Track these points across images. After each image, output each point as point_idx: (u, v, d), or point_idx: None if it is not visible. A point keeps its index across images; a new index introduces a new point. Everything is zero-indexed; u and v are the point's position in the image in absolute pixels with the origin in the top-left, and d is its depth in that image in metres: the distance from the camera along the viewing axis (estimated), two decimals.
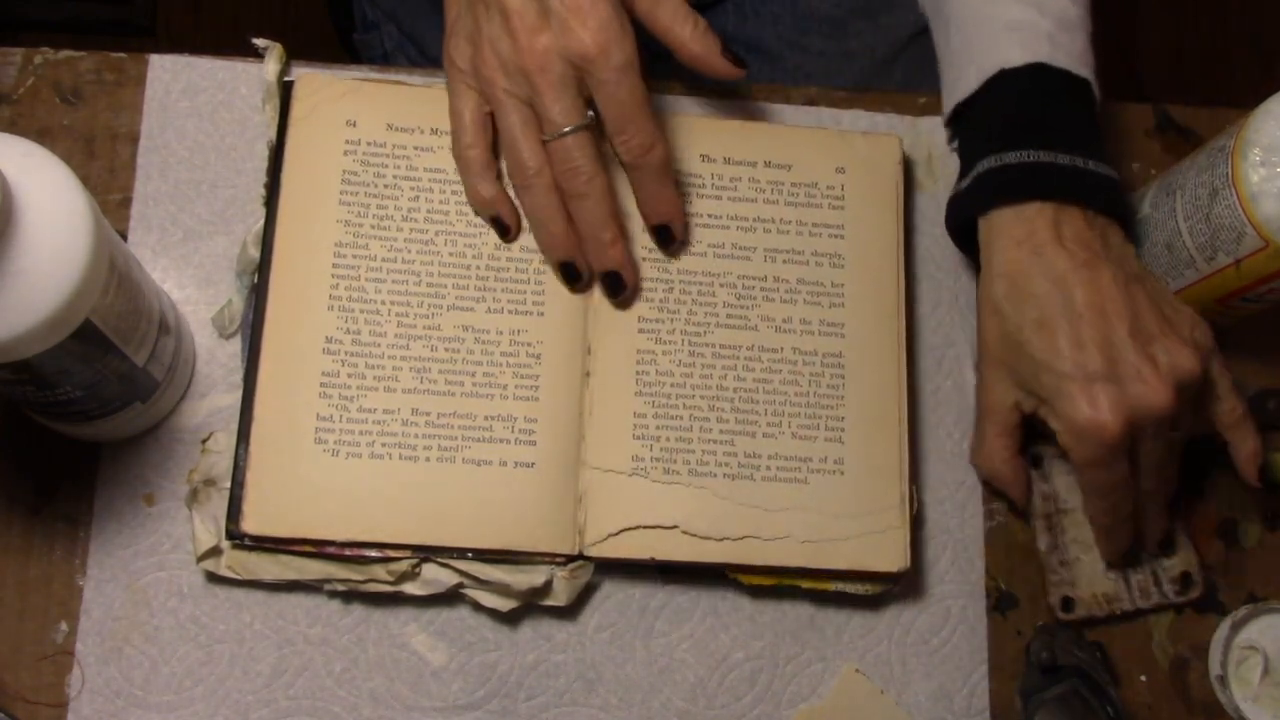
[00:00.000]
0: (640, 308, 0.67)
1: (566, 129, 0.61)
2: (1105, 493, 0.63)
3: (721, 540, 0.64)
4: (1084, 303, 0.61)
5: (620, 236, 0.64)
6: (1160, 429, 0.61)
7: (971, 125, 0.69)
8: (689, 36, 0.64)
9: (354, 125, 0.67)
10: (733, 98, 0.73)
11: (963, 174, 0.68)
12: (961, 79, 0.68)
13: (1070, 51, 0.66)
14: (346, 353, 0.64)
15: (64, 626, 0.63)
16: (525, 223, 0.66)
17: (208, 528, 0.62)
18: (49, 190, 0.49)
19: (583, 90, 0.61)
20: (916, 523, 0.68)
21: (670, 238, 0.66)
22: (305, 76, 0.68)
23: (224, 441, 0.64)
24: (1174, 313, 0.64)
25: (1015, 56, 0.65)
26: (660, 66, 0.87)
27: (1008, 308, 0.63)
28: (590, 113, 0.61)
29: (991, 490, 0.70)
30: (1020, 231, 0.63)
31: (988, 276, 0.65)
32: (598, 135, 0.62)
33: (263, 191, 0.67)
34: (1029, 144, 0.64)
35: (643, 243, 0.67)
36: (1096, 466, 0.62)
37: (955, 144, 0.73)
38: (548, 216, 0.63)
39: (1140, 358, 0.60)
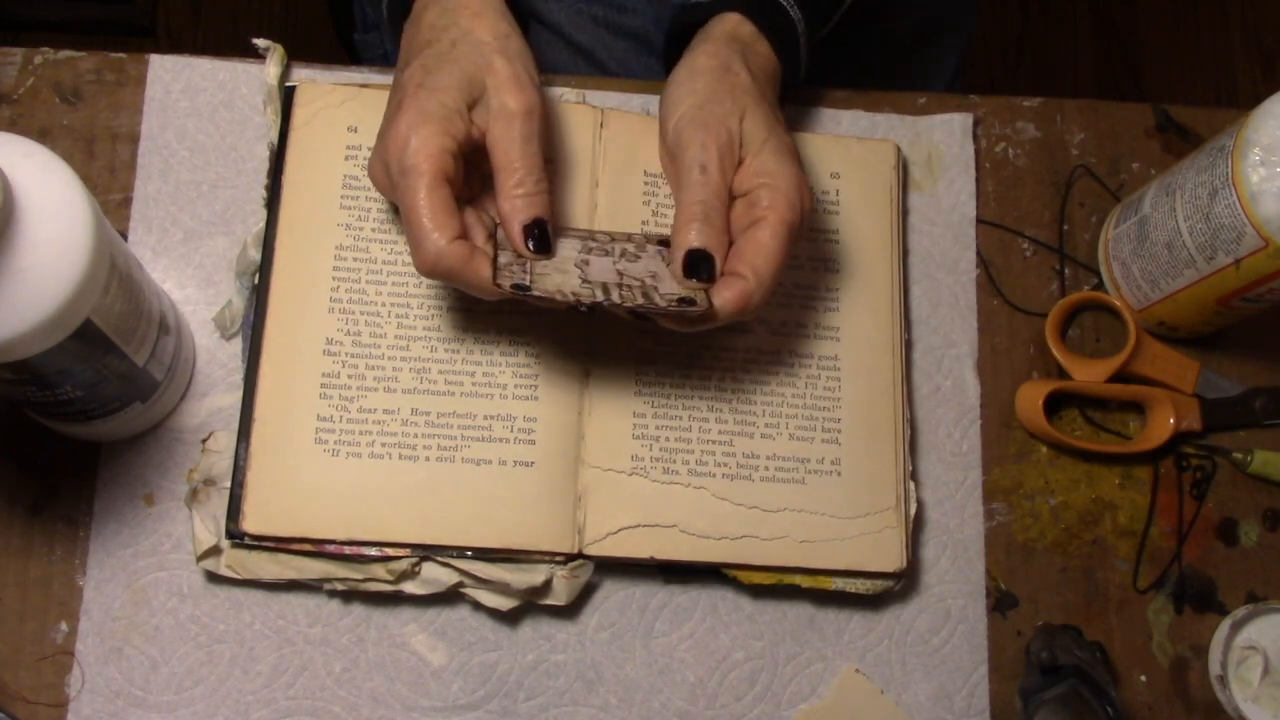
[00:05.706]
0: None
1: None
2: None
3: (720, 539, 0.64)
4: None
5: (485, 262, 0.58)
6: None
7: None
8: (506, 189, 0.59)
9: (355, 131, 0.67)
10: None
11: None
12: None
13: None
14: (347, 354, 0.64)
15: (64, 626, 0.63)
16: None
17: (208, 527, 0.62)
18: (50, 190, 0.49)
19: None
20: (916, 523, 0.68)
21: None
22: (306, 84, 0.68)
23: (224, 441, 0.64)
24: None
25: None
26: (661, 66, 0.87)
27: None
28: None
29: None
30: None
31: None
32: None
33: (263, 193, 0.67)
34: None
35: None
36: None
37: None
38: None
39: None
